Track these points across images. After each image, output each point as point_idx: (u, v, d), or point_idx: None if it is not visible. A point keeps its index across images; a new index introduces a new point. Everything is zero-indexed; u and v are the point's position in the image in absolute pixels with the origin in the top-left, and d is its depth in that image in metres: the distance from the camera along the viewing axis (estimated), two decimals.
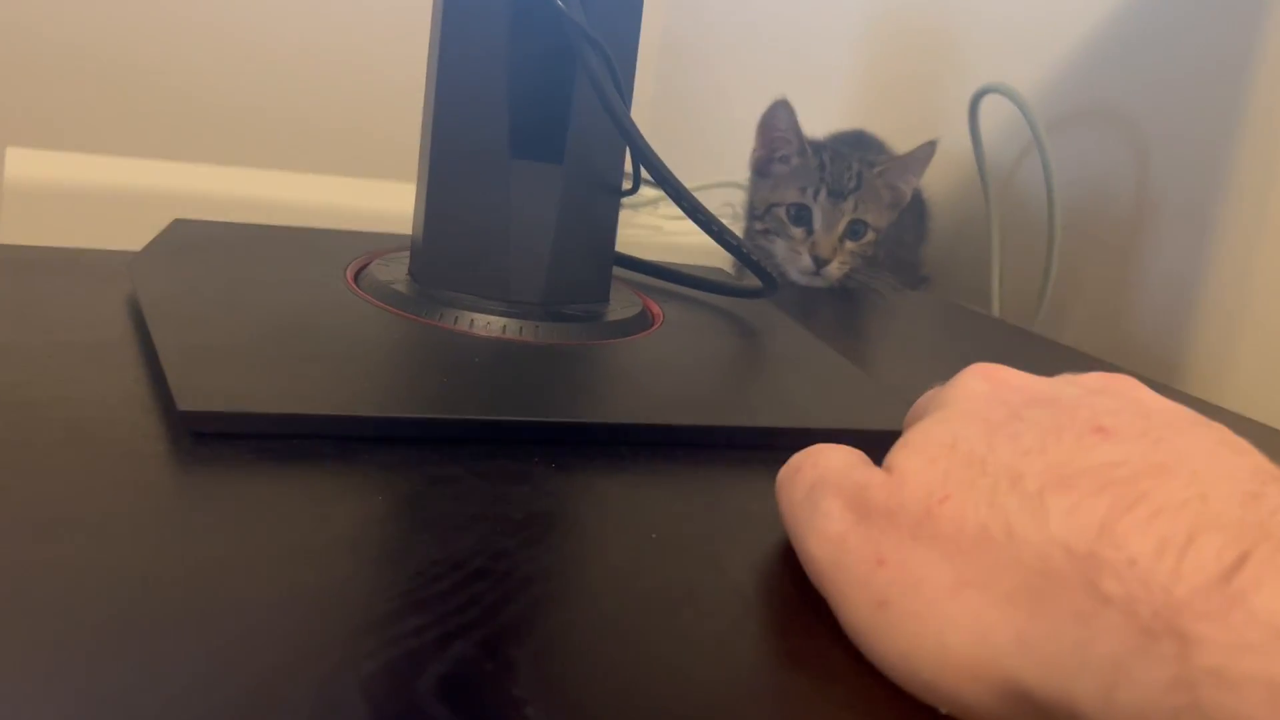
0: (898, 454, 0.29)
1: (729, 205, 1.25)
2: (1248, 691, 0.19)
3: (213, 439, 0.36)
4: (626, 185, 0.56)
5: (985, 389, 0.32)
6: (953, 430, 0.28)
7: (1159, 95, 0.84)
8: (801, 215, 0.85)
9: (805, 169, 0.86)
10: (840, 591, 0.28)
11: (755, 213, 0.90)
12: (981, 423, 0.28)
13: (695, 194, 0.51)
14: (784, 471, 0.33)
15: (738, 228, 1.05)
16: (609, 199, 0.54)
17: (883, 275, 0.86)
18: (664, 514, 0.36)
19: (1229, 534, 0.22)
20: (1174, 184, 0.82)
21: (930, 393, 0.35)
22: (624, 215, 0.57)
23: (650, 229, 1.14)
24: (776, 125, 0.89)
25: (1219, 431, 0.27)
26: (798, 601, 0.31)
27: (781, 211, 0.85)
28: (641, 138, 0.49)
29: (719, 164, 1.07)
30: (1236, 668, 0.20)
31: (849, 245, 0.84)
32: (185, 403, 0.36)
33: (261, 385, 0.38)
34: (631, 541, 0.34)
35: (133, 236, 0.56)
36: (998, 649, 0.24)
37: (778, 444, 0.43)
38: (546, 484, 0.36)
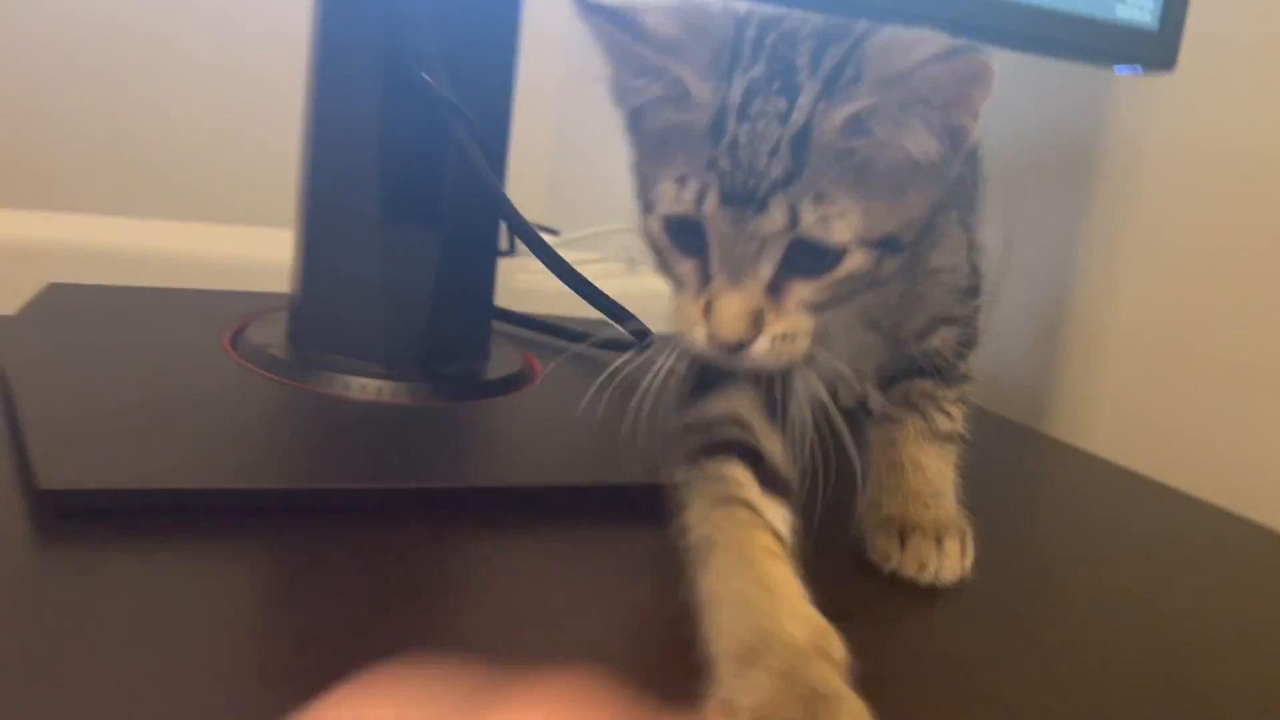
0: None
1: (625, 250, 1.26)
2: None
3: (77, 516, 0.36)
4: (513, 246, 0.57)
5: None
6: None
7: (1021, 140, 0.88)
8: (690, 240, 0.39)
9: (692, 123, 0.38)
10: None
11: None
12: None
13: (597, 239, 0.52)
14: None
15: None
16: (486, 259, 0.56)
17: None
18: (530, 577, 0.37)
19: None
20: (1036, 224, 0.86)
21: None
22: (523, 262, 0.58)
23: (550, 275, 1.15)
24: None
25: None
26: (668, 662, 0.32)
27: (658, 228, 0.39)
28: (510, 205, 0.50)
29: (621, 208, 1.09)
30: None
31: (797, 293, 0.38)
32: (48, 481, 0.36)
33: (129, 460, 0.39)
34: (493, 608, 0.35)
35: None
36: None
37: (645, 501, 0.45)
38: (413, 552, 0.37)
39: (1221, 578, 0.50)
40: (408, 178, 0.52)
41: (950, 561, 0.43)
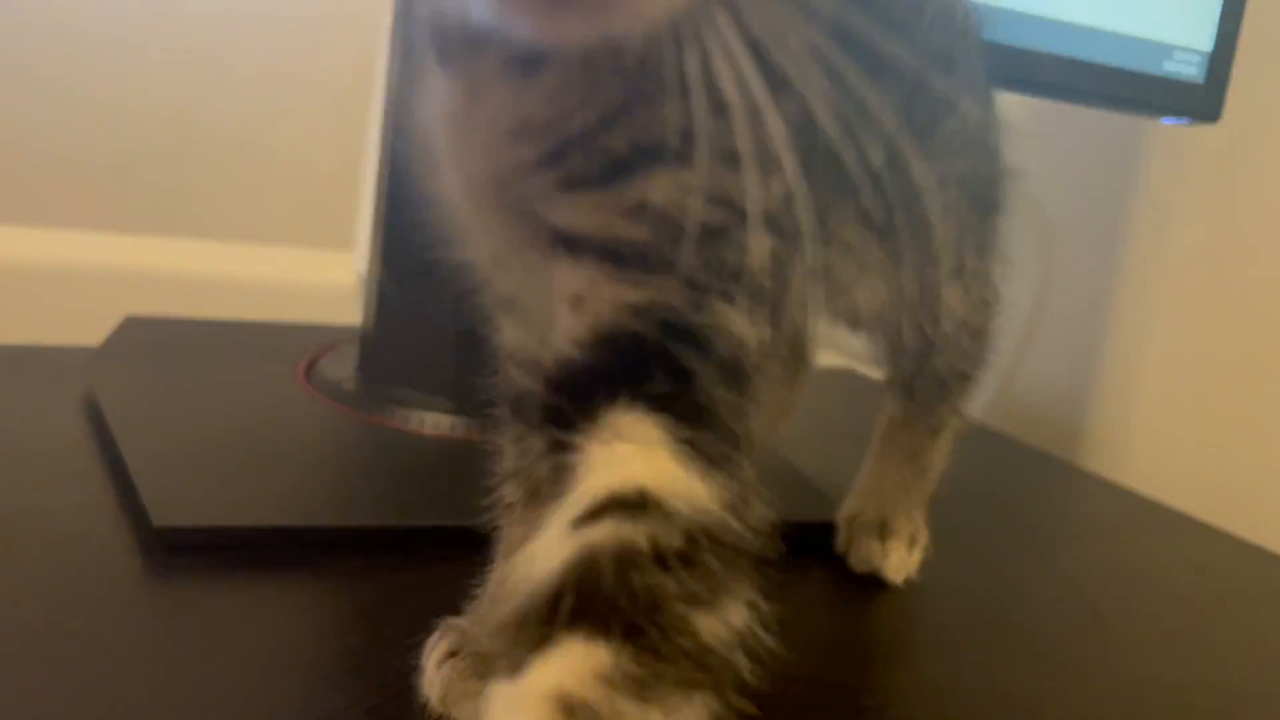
0: None
1: None
2: None
3: (185, 550, 0.38)
4: None
5: None
6: None
7: (1061, 185, 0.90)
8: None
9: None
10: None
11: None
12: None
13: None
14: None
15: None
16: None
17: None
18: None
19: None
20: (1073, 265, 0.88)
21: None
22: None
23: None
24: None
25: None
26: None
27: None
28: None
29: None
30: None
31: None
32: (161, 519, 0.38)
33: (230, 498, 0.40)
34: None
35: (68, 314, 0.58)
36: None
37: None
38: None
39: (1270, 620, 0.51)
40: None
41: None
